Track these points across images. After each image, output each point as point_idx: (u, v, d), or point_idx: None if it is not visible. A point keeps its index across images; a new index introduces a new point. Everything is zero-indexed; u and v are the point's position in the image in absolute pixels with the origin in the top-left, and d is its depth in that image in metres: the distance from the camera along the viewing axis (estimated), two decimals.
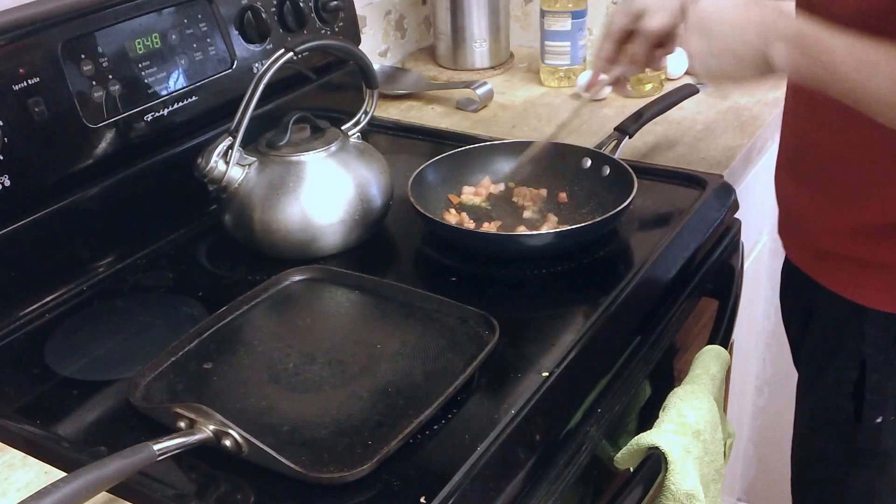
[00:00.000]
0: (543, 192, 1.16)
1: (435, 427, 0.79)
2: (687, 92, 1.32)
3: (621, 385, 0.91)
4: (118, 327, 0.98)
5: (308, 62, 1.25)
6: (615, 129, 1.22)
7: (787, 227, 1.10)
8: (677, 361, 1.05)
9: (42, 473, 0.78)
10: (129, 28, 1.06)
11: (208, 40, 1.15)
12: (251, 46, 1.21)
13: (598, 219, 1.03)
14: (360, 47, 1.26)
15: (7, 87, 0.94)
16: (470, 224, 1.11)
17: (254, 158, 1.06)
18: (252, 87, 1.03)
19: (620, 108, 1.44)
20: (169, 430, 0.76)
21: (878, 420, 1.02)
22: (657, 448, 0.85)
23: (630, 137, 1.22)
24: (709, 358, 1.00)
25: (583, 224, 1.04)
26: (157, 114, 1.09)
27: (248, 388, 0.85)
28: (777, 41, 0.87)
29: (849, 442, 1.04)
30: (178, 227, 1.15)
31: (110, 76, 1.04)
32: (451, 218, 1.12)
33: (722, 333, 1.08)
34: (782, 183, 1.08)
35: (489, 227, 1.10)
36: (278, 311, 0.97)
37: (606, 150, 1.18)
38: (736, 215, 1.20)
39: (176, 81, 1.11)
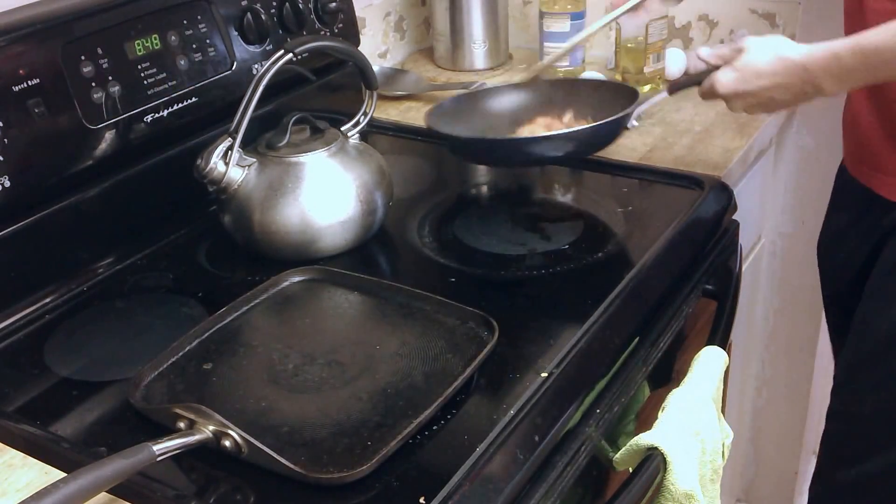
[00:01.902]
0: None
1: (434, 428, 0.80)
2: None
3: (620, 386, 0.91)
4: (118, 328, 0.98)
5: (307, 63, 1.25)
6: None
7: (867, 158, 1.14)
8: (676, 362, 1.05)
9: (42, 474, 0.79)
10: (128, 29, 1.06)
11: (208, 41, 1.15)
12: (251, 47, 1.21)
13: (607, 119, 1.06)
14: (359, 48, 1.26)
15: (7, 87, 0.94)
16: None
17: (253, 159, 1.06)
18: (251, 88, 1.03)
19: None
20: (169, 431, 0.76)
21: None
22: (656, 448, 0.86)
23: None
24: (707, 359, 1.00)
25: (591, 125, 1.07)
26: (156, 115, 1.09)
27: (248, 388, 0.85)
28: (816, 77, 0.99)
29: None
30: (178, 228, 1.15)
31: (110, 77, 1.04)
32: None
33: (720, 334, 1.08)
34: (864, 116, 1.13)
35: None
36: (278, 312, 0.98)
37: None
38: (734, 216, 1.20)
39: (176, 83, 1.11)
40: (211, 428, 0.75)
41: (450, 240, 1.11)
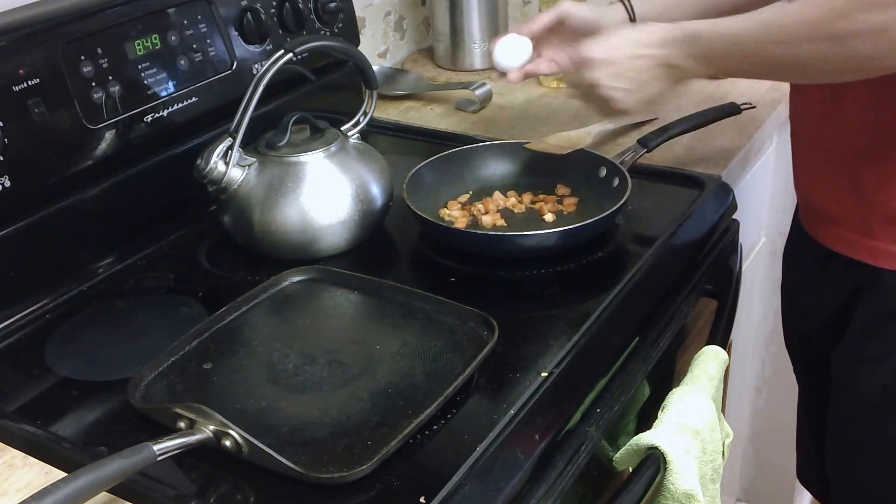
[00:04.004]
0: (501, 198, 1.17)
1: (434, 427, 0.80)
2: (727, 111, 1.30)
3: (620, 385, 0.91)
4: (118, 328, 0.98)
5: (307, 63, 1.25)
6: (637, 140, 1.23)
7: (819, 217, 1.09)
8: (676, 362, 1.05)
9: (42, 473, 0.79)
10: (128, 29, 1.06)
11: (208, 41, 1.15)
12: (251, 47, 1.21)
13: (589, 221, 1.04)
14: (359, 48, 1.26)
15: (7, 87, 0.94)
16: (462, 222, 1.11)
17: (253, 159, 1.06)
18: (252, 87, 1.03)
19: None
20: (169, 431, 0.76)
21: None
22: (656, 448, 0.86)
23: (649, 151, 1.21)
24: (707, 358, 1.00)
25: (574, 225, 1.04)
26: (156, 115, 1.09)
27: (248, 388, 0.85)
28: (679, 51, 0.96)
29: None
30: (178, 228, 1.15)
31: (110, 77, 1.04)
32: (447, 216, 1.12)
33: (720, 334, 1.08)
34: (817, 177, 1.09)
35: (489, 220, 1.11)
36: (278, 312, 0.98)
37: (625, 161, 1.17)
38: (734, 216, 1.20)
39: (176, 82, 1.11)
40: (211, 428, 0.75)
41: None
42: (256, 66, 1.21)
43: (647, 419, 0.94)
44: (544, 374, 0.85)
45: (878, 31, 0.81)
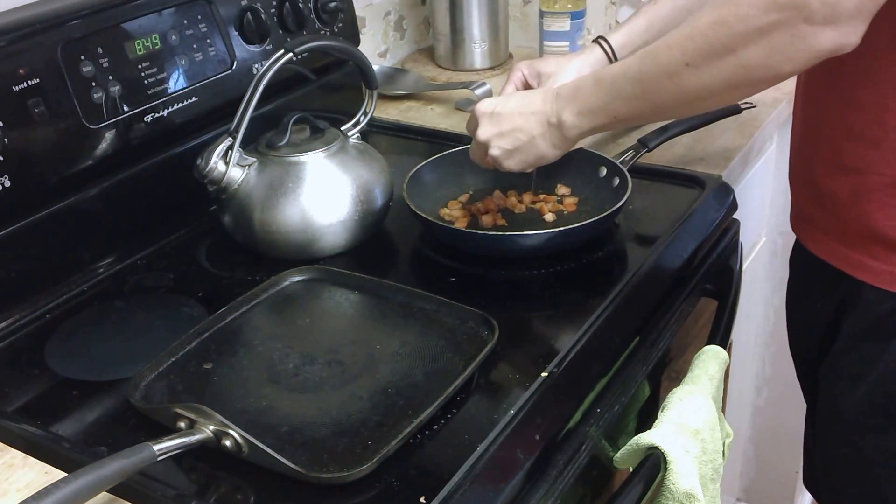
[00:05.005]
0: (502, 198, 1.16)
1: (434, 427, 0.80)
2: (727, 110, 1.30)
3: (620, 385, 0.91)
4: (118, 328, 0.98)
5: (307, 63, 1.25)
6: (638, 140, 1.22)
7: (805, 220, 1.08)
8: (676, 362, 1.05)
9: (42, 473, 0.79)
10: (128, 29, 1.06)
11: (208, 41, 1.15)
12: (251, 47, 1.21)
13: (589, 220, 1.04)
14: (359, 48, 1.26)
15: (7, 87, 0.94)
16: (462, 222, 1.11)
17: (253, 159, 1.06)
18: (252, 87, 1.03)
19: None
20: (169, 431, 0.76)
21: None
22: (656, 448, 0.86)
23: (649, 151, 1.21)
24: (708, 358, 1.00)
25: (574, 225, 1.04)
26: (156, 114, 1.09)
27: (248, 388, 0.85)
28: (559, 106, 0.96)
29: None
30: (178, 228, 1.15)
31: (110, 77, 1.04)
32: (447, 216, 1.12)
33: (721, 333, 1.08)
34: (802, 180, 1.08)
35: (488, 220, 1.11)
36: (278, 312, 0.98)
37: (625, 161, 1.17)
38: (735, 216, 1.20)
39: (176, 82, 1.11)
40: (211, 427, 0.75)
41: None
42: (256, 66, 1.21)
43: (647, 419, 0.94)
44: (544, 374, 0.85)
45: (765, 33, 0.77)
